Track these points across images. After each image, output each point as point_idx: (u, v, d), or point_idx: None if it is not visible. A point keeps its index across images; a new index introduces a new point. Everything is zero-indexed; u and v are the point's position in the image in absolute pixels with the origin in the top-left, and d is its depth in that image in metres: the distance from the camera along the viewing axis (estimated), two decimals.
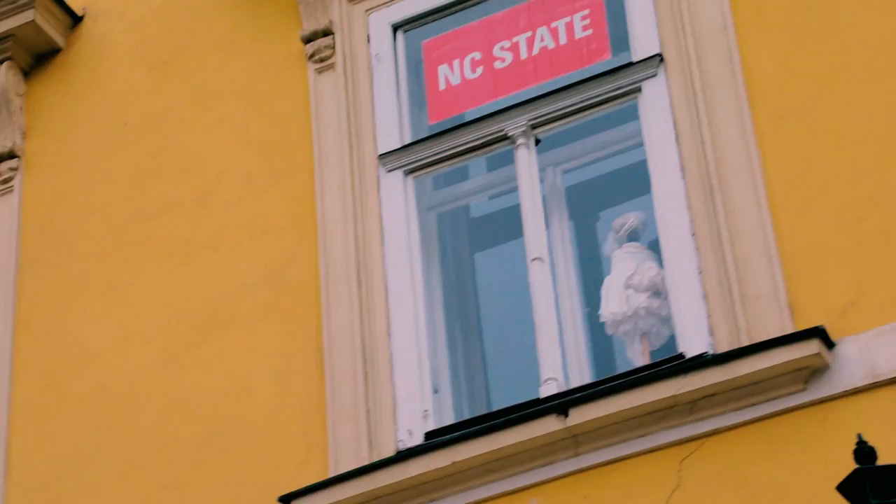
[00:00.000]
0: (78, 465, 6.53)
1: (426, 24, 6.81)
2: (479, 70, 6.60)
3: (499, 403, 6.15)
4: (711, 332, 5.73)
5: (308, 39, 6.90)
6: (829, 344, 5.48)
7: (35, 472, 6.60)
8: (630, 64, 6.30)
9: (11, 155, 7.32)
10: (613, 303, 6.09)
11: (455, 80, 6.63)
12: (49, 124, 7.38)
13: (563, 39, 6.48)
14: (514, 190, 6.39)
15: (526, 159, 6.36)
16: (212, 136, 7.00)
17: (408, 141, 6.62)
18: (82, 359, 6.77)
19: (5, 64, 7.40)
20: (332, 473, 6.04)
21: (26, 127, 7.40)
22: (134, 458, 6.44)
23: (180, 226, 6.86)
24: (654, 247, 6.12)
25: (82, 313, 6.88)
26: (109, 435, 6.53)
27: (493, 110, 6.48)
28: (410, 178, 6.56)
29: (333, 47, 6.83)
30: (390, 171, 6.58)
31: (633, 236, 6.24)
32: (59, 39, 7.51)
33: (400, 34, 6.85)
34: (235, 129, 6.96)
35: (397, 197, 6.51)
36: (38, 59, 7.54)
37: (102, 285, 6.90)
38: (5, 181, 7.29)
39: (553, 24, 6.51)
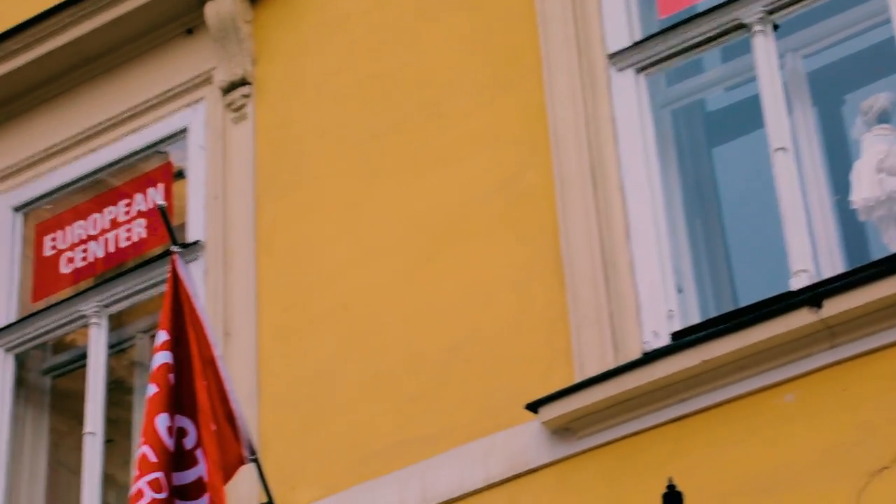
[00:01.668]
0: (326, 381, 6.41)
1: None
2: None
3: (746, 299, 5.83)
4: None
5: None
6: None
7: (285, 390, 6.49)
8: None
9: (243, 82, 7.19)
10: (865, 188, 5.70)
11: None
12: (277, 49, 7.22)
13: None
14: (753, 80, 6.01)
15: (764, 46, 5.96)
16: (438, 49, 6.76)
17: (638, 38, 6.28)
18: (323, 278, 6.63)
19: None
20: (577, 379, 5.80)
21: (255, 53, 7.26)
22: (380, 373, 6.29)
23: (411, 141, 6.65)
24: None
25: (320, 233, 6.74)
26: (354, 351, 6.39)
27: None
28: (642, 76, 6.23)
29: None
30: (621, 70, 6.25)
31: (883, 118, 5.82)
32: None
33: None
34: (461, 40, 6.71)
35: (630, 96, 6.19)
36: None
37: (338, 205, 6.75)
38: (239, 108, 7.17)
39: None
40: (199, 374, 5.71)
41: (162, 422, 5.59)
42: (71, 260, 7.50)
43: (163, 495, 5.47)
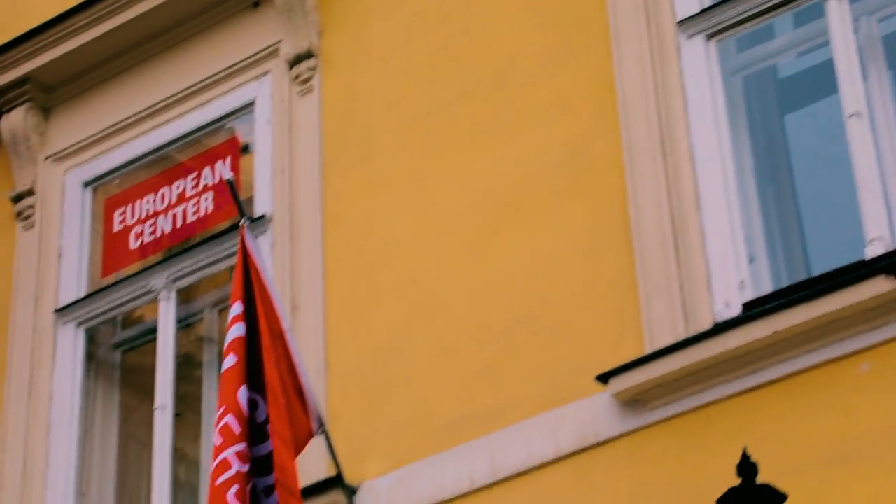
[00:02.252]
0: (393, 355, 6.35)
1: None
2: None
3: (819, 269, 5.71)
4: None
5: None
6: None
7: (353, 363, 6.43)
8: None
9: (309, 55, 7.13)
10: None
11: None
12: (342, 21, 7.14)
13: None
14: (826, 44, 5.88)
15: (837, 10, 5.83)
16: (503, 18, 6.67)
17: (708, 4, 6.15)
18: (390, 251, 6.57)
19: None
20: (647, 350, 5.71)
21: (321, 26, 7.19)
22: (447, 346, 6.22)
23: (478, 112, 6.57)
24: None
25: (387, 206, 6.67)
26: (422, 324, 6.32)
27: None
28: (712, 43, 6.11)
29: None
30: (690, 36, 6.13)
31: None
32: None
33: None
34: (527, 9, 6.61)
35: (699, 63, 6.07)
36: None
37: (405, 177, 6.67)
38: (305, 81, 7.11)
39: None
40: (267, 348, 5.66)
41: (243, 394, 5.54)
42: (139, 235, 7.49)
43: (246, 467, 5.42)
